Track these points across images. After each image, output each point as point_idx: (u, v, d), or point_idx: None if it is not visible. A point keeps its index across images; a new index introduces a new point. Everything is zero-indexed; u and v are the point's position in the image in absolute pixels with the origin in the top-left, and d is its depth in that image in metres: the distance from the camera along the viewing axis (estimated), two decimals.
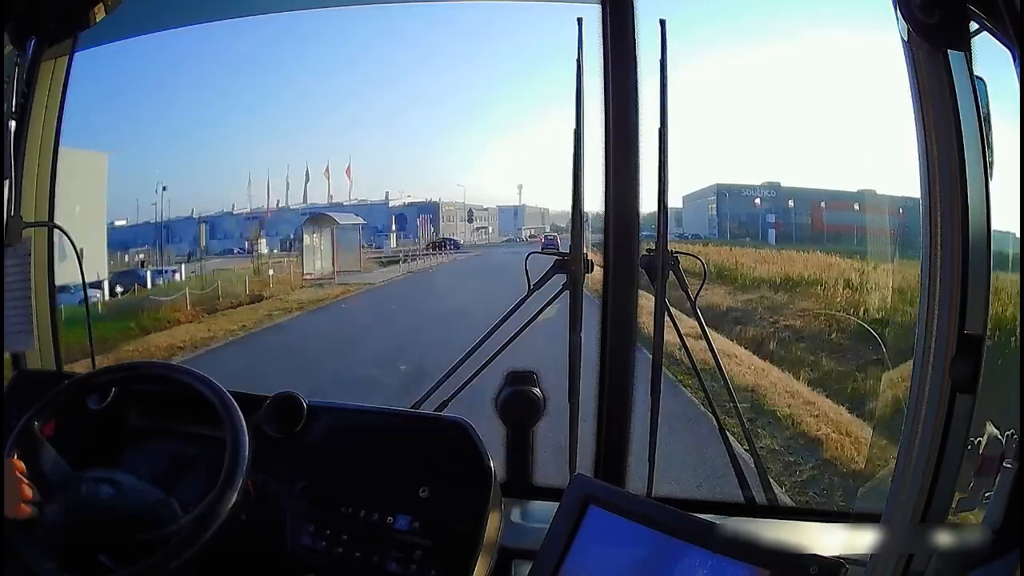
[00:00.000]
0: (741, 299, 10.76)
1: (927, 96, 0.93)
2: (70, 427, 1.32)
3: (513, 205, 20.68)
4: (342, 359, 8.21)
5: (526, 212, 20.73)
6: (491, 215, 20.79)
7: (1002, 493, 0.92)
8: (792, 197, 15.45)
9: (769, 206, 15.70)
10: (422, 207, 19.58)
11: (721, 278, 11.50)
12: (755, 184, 15.91)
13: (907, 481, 0.96)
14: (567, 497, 1.08)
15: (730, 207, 16.36)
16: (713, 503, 1.62)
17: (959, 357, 0.93)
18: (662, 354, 1.54)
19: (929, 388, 0.95)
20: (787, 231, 15.20)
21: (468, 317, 8.27)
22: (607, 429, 1.46)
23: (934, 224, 0.94)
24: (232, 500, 1.12)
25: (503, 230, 20.77)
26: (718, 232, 16.26)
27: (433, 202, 19.76)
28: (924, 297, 0.96)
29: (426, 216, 19.59)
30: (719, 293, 10.69)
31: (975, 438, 0.95)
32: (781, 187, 15.65)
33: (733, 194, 16.21)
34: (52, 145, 1.75)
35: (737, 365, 7.15)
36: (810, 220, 14.97)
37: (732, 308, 10.27)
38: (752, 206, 16.03)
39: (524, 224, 20.50)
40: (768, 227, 15.53)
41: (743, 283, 11.55)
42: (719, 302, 10.23)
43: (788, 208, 15.51)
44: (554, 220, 20.19)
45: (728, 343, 8.18)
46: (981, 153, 0.93)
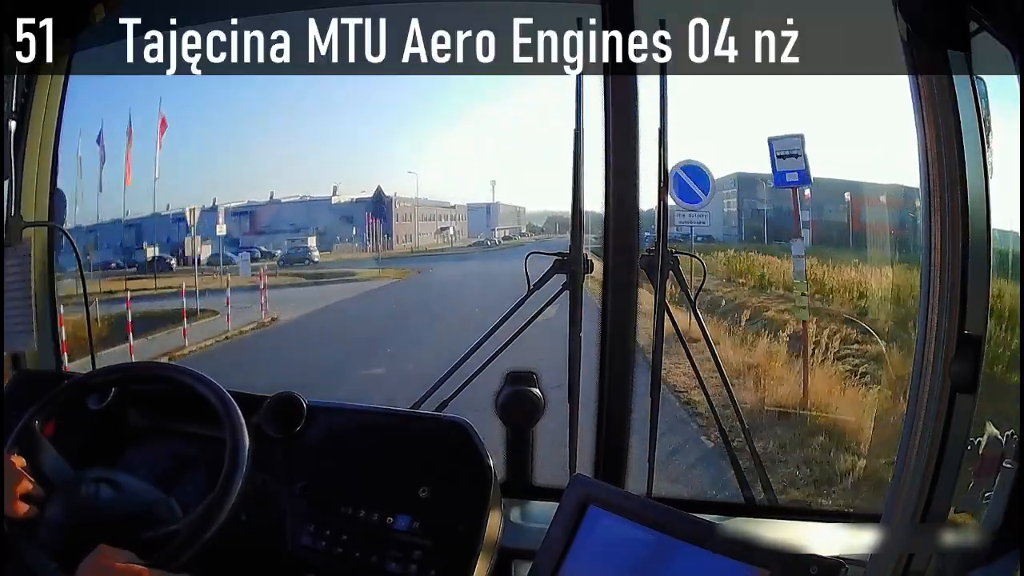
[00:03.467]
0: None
1: (927, 96, 0.93)
2: (70, 427, 1.32)
3: (485, 203, 17.07)
4: None
5: (500, 211, 17.62)
6: (459, 213, 17.43)
7: (1002, 493, 0.92)
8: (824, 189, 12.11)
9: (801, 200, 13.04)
10: (371, 203, 15.87)
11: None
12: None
13: (907, 481, 0.96)
14: (567, 497, 1.08)
15: (755, 202, 12.89)
16: (713, 503, 1.63)
17: (959, 357, 0.93)
18: (662, 354, 1.54)
19: (929, 388, 0.95)
20: (823, 231, 12.00)
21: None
22: (607, 429, 1.46)
23: (934, 224, 0.94)
24: (232, 500, 1.12)
25: (473, 231, 17.32)
26: (739, 233, 12.89)
27: (385, 197, 16.07)
28: (924, 297, 0.96)
29: (375, 214, 15.95)
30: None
31: (975, 438, 0.95)
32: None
33: (757, 185, 12.68)
34: (52, 145, 1.74)
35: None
36: (847, 218, 11.64)
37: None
38: (781, 200, 12.34)
39: (498, 224, 17.40)
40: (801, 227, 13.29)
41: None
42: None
43: (820, 204, 12.06)
44: (531, 220, 17.29)
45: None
46: (981, 153, 0.93)
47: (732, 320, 7.82)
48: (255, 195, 14.56)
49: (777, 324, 7.43)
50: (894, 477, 0.98)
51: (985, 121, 0.93)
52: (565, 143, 1.52)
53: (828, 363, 6.34)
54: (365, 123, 19.56)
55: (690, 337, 1.56)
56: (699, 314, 1.54)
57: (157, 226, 13.41)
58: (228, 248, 12.78)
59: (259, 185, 16.11)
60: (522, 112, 20.32)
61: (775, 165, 7.15)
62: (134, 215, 13.24)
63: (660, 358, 1.55)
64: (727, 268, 10.89)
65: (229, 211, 13.54)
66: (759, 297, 9.05)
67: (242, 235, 13.41)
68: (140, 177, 13.25)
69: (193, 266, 10.92)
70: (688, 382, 5.25)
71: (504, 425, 1.52)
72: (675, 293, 1.64)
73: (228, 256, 12.32)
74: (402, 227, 15.87)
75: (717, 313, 7.92)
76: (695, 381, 1.64)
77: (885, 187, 9.32)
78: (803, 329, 6.51)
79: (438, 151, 20.70)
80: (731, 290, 9.56)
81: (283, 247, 13.85)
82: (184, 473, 1.35)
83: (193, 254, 11.45)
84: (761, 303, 8.65)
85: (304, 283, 12.24)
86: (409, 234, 16.01)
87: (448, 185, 20.79)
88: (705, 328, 1.54)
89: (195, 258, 11.34)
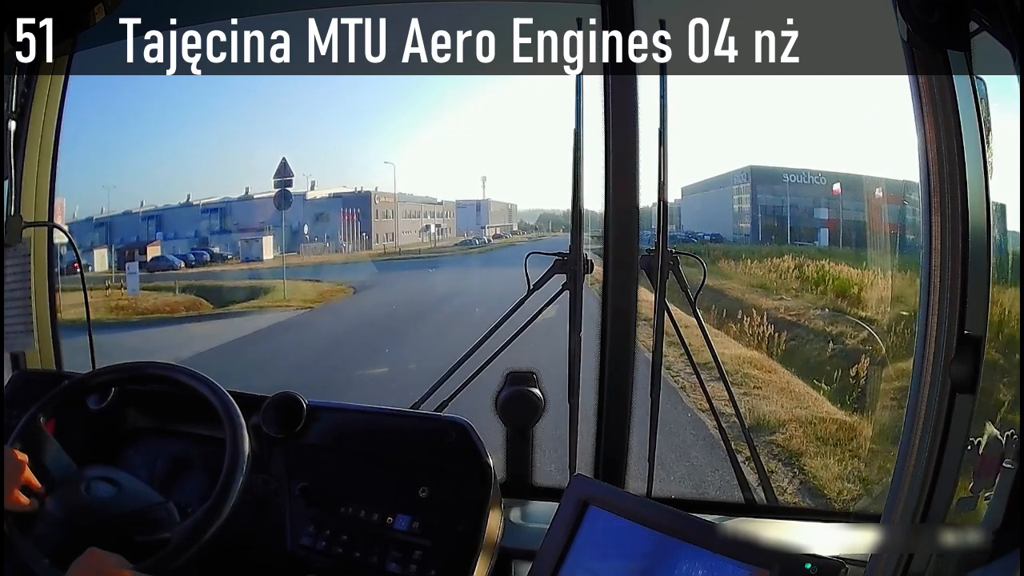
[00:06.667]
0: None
1: (927, 96, 0.93)
2: (70, 427, 1.32)
3: (475, 200, 15.77)
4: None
5: (490, 208, 16.37)
6: (447, 210, 16.08)
7: (1002, 493, 0.91)
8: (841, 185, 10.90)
9: (816, 197, 11.00)
10: (349, 199, 14.41)
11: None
12: (798, 168, 11.00)
13: (907, 481, 0.96)
14: (567, 497, 1.08)
15: (768, 198, 11.51)
16: (713, 503, 1.63)
17: (959, 357, 0.93)
18: (662, 355, 1.54)
19: (929, 388, 0.95)
20: (841, 232, 10.92)
21: None
22: (607, 429, 1.47)
23: (934, 224, 0.94)
24: (232, 500, 1.12)
25: (461, 228, 16.01)
26: (753, 233, 11.52)
27: (364, 192, 14.36)
28: (924, 297, 0.96)
29: (352, 211, 14.28)
30: None
31: (975, 438, 0.95)
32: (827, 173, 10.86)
33: (772, 179, 11.35)
34: (52, 145, 1.74)
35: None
36: (867, 217, 10.40)
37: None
38: (798, 196, 11.17)
39: (488, 222, 16.19)
40: (820, 226, 11.16)
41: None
42: None
43: (838, 201, 10.89)
44: (523, 218, 16.20)
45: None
46: (981, 153, 0.93)
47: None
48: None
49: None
50: (894, 477, 0.98)
51: (985, 121, 0.93)
52: (561, 140, 1.52)
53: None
54: (347, 117, 18.87)
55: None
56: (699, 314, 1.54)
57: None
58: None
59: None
60: (515, 106, 19.80)
61: None
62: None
63: (660, 358, 1.55)
64: (755, 275, 9.47)
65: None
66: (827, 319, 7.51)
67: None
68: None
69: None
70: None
71: (504, 425, 1.53)
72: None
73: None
74: (382, 223, 14.44)
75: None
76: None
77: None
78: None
79: (424, 145, 19.55)
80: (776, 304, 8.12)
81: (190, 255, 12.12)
82: (184, 473, 1.35)
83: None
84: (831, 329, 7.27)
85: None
86: (390, 232, 14.51)
87: (436, 180, 19.23)
88: (705, 328, 1.54)
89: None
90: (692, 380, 5.01)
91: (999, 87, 0.92)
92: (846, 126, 13.61)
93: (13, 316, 1.52)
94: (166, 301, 10.28)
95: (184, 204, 13.65)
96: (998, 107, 0.93)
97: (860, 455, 4.77)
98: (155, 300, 10.23)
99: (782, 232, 11.25)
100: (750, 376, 6.15)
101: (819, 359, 6.64)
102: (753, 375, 6.19)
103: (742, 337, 7.10)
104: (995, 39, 0.86)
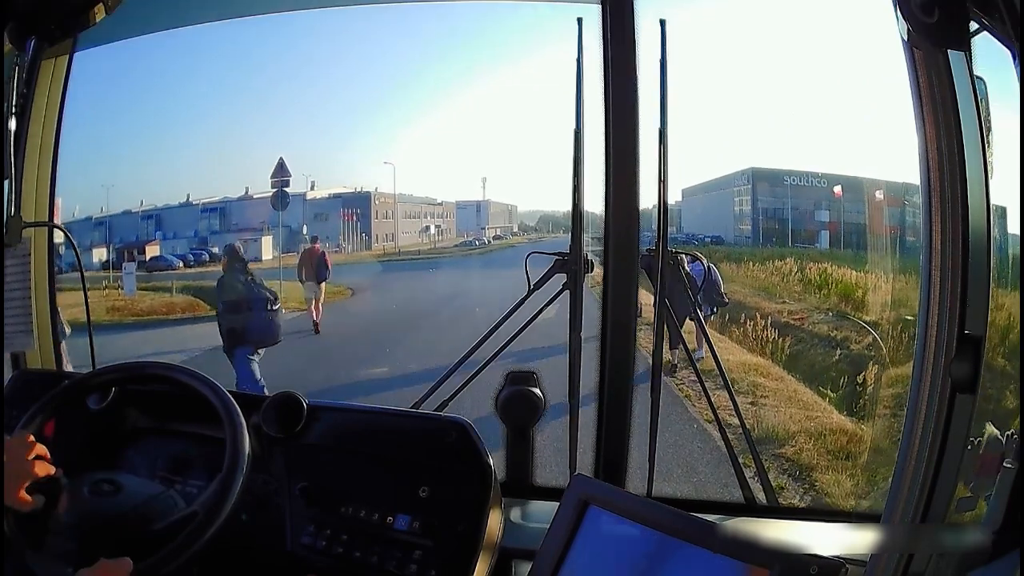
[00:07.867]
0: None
1: (927, 96, 0.93)
2: (70, 427, 1.32)
3: (475, 200, 15.81)
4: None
5: (490, 209, 16.32)
6: (446, 211, 16.00)
7: (1002, 493, 0.91)
8: (842, 187, 10.61)
9: (817, 200, 10.92)
10: (349, 199, 14.35)
11: None
12: (798, 170, 10.78)
13: (907, 481, 0.96)
14: (567, 497, 1.08)
15: (769, 200, 11.26)
16: (713, 503, 1.62)
17: (959, 357, 0.93)
18: (662, 355, 1.54)
19: (929, 388, 0.95)
20: (842, 234, 10.59)
21: None
22: (607, 429, 1.46)
23: (934, 224, 0.94)
24: (232, 500, 1.12)
25: (461, 229, 15.90)
26: (754, 235, 11.20)
27: (364, 192, 14.32)
28: (924, 297, 0.96)
29: (352, 210, 14.23)
30: None
31: (975, 438, 0.95)
32: (828, 175, 10.81)
33: (773, 181, 11.10)
34: (52, 145, 1.74)
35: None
36: (868, 219, 10.26)
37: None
38: (799, 198, 10.91)
39: (488, 223, 16.10)
40: (820, 228, 10.95)
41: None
42: None
43: (839, 203, 10.67)
44: (523, 219, 16.33)
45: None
46: (981, 153, 0.93)
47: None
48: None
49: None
50: (894, 477, 0.98)
51: (985, 121, 0.93)
52: (561, 141, 1.52)
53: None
54: (347, 117, 18.75)
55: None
56: (700, 315, 1.54)
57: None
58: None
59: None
60: (516, 107, 19.76)
61: None
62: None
63: (660, 358, 1.55)
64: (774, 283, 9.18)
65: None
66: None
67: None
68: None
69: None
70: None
71: (504, 425, 1.53)
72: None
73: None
74: (382, 224, 14.49)
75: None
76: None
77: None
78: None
79: (424, 145, 19.47)
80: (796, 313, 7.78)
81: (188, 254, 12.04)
82: (184, 473, 1.35)
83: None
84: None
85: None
86: (389, 233, 14.54)
87: (436, 181, 19.32)
88: (705, 329, 1.54)
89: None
90: (695, 384, 4.96)
91: (999, 87, 0.92)
92: (846, 127, 13.48)
93: (13, 316, 1.52)
94: (163, 302, 10.40)
95: (183, 204, 13.68)
96: (998, 107, 0.93)
97: (873, 468, 4.72)
98: (151, 301, 10.32)
99: (783, 234, 11.18)
100: (757, 385, 6.12)
101: (824, 364, 6.59)
102: (760, 383, 6.16)
103: (745, 342, 7.06)
104: (995, 39, 0.86)
